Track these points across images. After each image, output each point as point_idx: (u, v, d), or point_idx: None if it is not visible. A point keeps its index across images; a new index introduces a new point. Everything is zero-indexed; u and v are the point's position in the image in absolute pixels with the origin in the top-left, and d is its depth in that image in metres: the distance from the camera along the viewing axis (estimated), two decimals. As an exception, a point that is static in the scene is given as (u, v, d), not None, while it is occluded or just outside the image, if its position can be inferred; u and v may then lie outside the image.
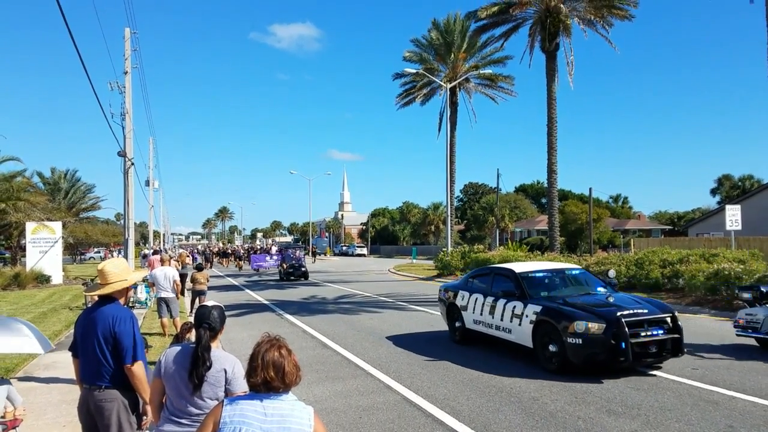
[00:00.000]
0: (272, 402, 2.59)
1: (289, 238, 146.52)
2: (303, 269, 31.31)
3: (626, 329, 7.97)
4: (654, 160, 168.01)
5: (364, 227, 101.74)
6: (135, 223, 26.19)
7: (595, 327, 8.11)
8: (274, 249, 46.43)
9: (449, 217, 34.63)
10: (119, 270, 4.16)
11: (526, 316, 9.12)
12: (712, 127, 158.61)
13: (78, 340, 4.12)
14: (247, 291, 24.77)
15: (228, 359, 3.49)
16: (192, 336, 7.42)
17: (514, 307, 9.50)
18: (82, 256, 66.96)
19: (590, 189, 43.10)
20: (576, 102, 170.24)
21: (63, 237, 28.88)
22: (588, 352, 8.18)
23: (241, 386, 3.35)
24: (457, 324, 11.24)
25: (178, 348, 3.54)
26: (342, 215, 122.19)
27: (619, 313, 8.23)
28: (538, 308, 8.95)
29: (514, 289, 9.79)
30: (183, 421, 3.38)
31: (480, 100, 62.10)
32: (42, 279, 25.62)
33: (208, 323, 3.50)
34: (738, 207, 21.48)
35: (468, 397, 7.51)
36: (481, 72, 36.93)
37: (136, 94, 63.21)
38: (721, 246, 22.88)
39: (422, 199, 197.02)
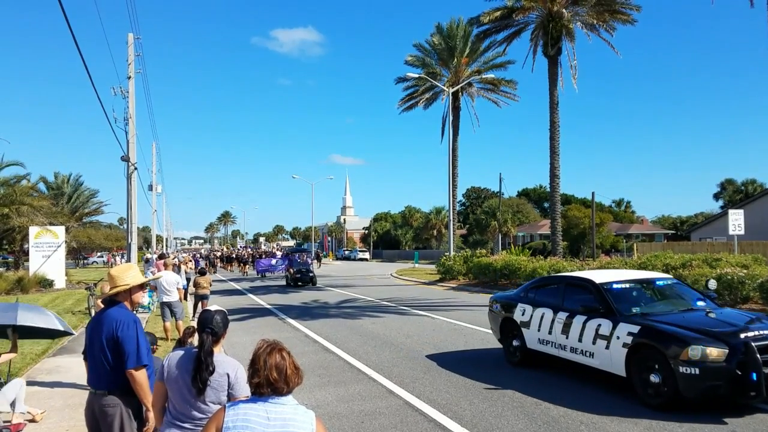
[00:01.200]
0: (274, 406, 2.61)
1: (291, 243, 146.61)
2: (311, 274, 30.32)
3: (758, 356, 6.43)
4: (657, 164, 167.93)
5: (366, 231, 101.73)
6: (138, 228, 26.26)
7: (714, 353, 6.56)
8: (279, 254, 45.83)
9: (451, 222, 34.62)
10: (122, 274, 4.19)
11: (618, 337, 7.43)
12: (715, 131, 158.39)
13: (87, 344, 4.16)
14: (250, 295, 24.79)
15: (231, 364, 3.50)
16: (194, 340, 7.44)
17: (599, 326, 7.78)
18: (85, 261, 67.10)
19: (593, 193, 43.15)
20: (578, 106, 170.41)
21: (66, 241, 28.99)
22: (706, 385, 6.57)
23: (244, 391, 3.37)
24: (515, 343, 9.60)
25: (181, 352, 3.55)
26: (344, 219, 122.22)
27: (743, 335, 6.69)
28: (635, 328, 7.27)
29: (597, 304, 8.06)
30: (186, 425, 3.39)
31: (483, 104, 62.16)
32: (45, 283, 25.68)
33: (210, 328, 3.51)
34: (741, 211, 21.47)
35: (470, 402, 7.51)
36: (483, 76, 37.01)
37: (140, 98, 63.57)
38: (724, 251, 22.86)
39: (424, 203, 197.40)
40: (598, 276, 8.83)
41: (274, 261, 39.07)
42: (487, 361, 10.09)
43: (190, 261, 30.96)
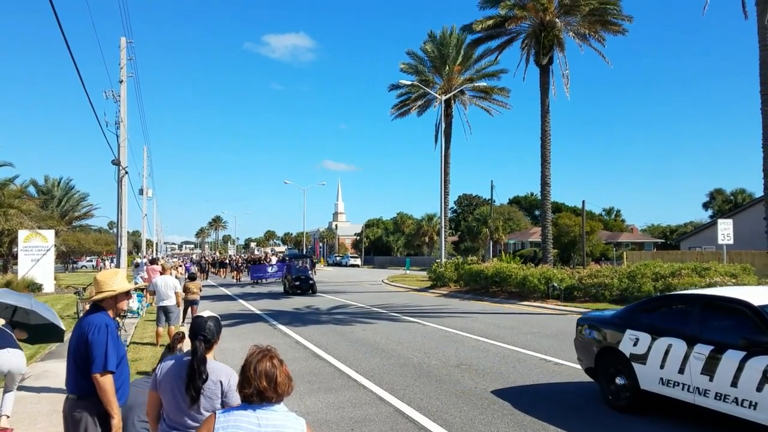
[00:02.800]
0: (265, 413, 2.60)
1: (282, 248, 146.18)
2: (311, 282, 28.33)
3: None
4: (647, 173, 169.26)
5: (358, 238, 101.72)
6: (128, 232, 26.12)
7: None
8: (274, 259, 44.19)
9: (443, 229, 34.70)
10: (108, 279, 4.14)
11: None
12: (705, 140, 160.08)
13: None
14: (241, 301, 24.69)
15: (224, 371, 3.46)
16: (183, 346, 7.41)
17: None
18: (75, 265, 66.59)
19: (583, 202, 43.48)
20: (569, 114, 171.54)
21: (55, 245, 28.76)
22: None
23: (237, 398, 3.34)
24: (620, 381, 7.39)
25: (173, 360, 3.52)
26: (336, 225, 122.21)
27: None
28: None
29: (763, 336, 5.93)
30: None
31: (475, 111, 62.52)
32: (34, 287, 25.45)
33: (203, 335, 3.46)
34: (730, 221, 21.62)
35: (461, 410, 7.51)
36: (475, 84, 37.21)
37: (131, 102, 63.42)
38: (713, 260, 23.01)
39: (416, 210, 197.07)
40: (754, 295, 6.62)
41: (269, 268, 37.99)
42: (478, 367, 10.10)
43: (180, 266, 30.83)
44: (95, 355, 3.81)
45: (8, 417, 6.73)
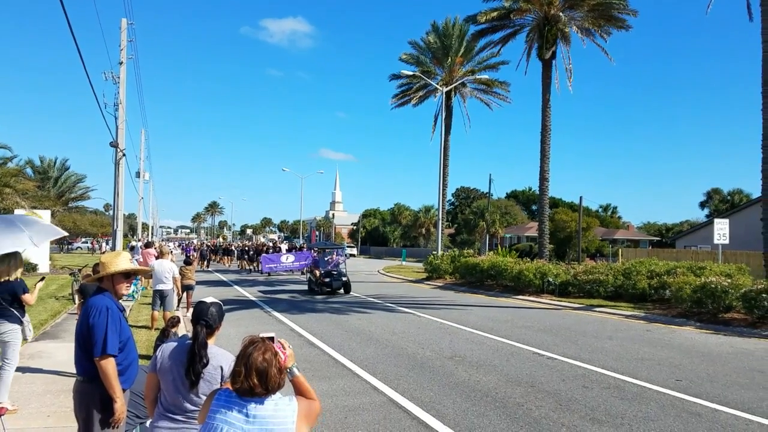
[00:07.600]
0: (255, 405, 2.56)
1: (276, 235, 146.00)
2: (344, 279, 22.68)
3: None
4: (645, 171, 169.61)
5: (355, 227, 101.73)
6: (124, 215, 26.01)
7: None
8: (284, 247, 39.66)
9: (440, 221, 34.69)
10: (108, 261, 4.15)
11: None
12: (703, 140, 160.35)
13: None
14: (236, 287, 24.69)
15: (224, 356, 3.47)
16: (178, 330, 7.39)
17: None
18: (70, 246, 66.43)
19: (581, 198, 43.52)
20: (568, 109, 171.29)
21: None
22: None
23: None
24: None
25: (174, 343, 3.51)
26: (333, 214, 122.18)
27: None
28: None
29: None
30: (178, 417, 3.36)
31: (474, 105, 62.49)
32: (28, 267, 25.38)
33: (205, 320, 3.46)
34: (726, 221, 21.66)
35: (454, 401, 7.53)
36: (477, 77, 37.12)
37: (130, 85, 62.92)
38: (708, 259, 23.09)
39: (414, 201, 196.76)
40: None
41: (283, 258, 33.82)
42: (471, 359, 10.12)
43: (176, 249, 30.65)
44: (95, 339, 3.82)
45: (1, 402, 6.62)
